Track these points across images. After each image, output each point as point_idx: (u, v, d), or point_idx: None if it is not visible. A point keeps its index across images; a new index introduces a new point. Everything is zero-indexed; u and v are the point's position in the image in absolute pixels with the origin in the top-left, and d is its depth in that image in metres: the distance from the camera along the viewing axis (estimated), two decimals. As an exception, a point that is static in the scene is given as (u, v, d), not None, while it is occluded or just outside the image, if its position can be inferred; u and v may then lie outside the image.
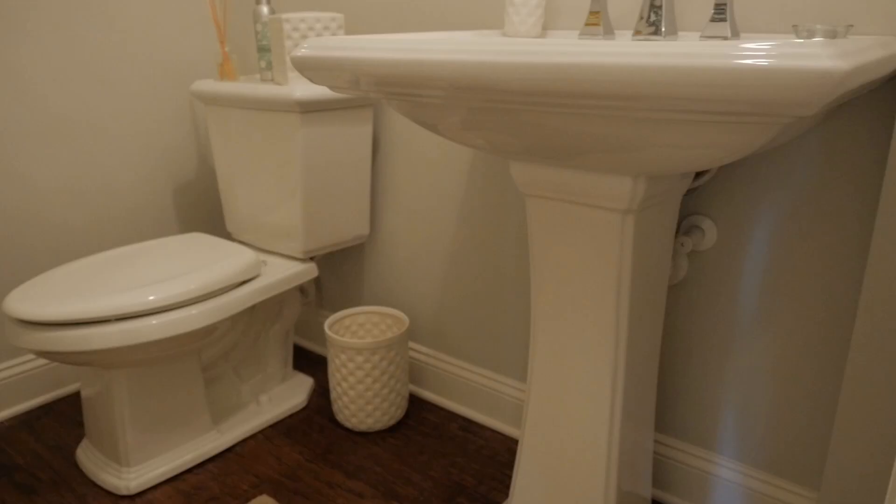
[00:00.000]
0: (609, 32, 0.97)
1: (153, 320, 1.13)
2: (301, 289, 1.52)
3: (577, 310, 0.88)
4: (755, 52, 0.51)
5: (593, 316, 0.87)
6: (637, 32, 0.92)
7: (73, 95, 1.47)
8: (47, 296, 1.12)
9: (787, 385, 1.03)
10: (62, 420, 1.47)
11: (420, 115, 0.80)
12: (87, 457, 1.29)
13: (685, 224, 1.06)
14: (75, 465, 1.31)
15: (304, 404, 1.51)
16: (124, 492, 1.22)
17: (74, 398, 1.55)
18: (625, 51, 0.56)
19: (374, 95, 0.79)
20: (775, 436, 1.05)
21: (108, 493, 1.23)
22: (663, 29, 0.90)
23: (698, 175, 0.95)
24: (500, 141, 0.77)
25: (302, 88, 1.26)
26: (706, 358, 1.10)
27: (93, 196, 1.55)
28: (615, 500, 0.93)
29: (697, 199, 1.04)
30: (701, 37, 0.87)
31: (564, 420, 0.94)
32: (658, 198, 0.82)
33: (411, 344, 1.55)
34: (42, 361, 1.52)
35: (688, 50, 0.54)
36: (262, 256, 1.47)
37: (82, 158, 1.51)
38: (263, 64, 1.42)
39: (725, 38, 0.85)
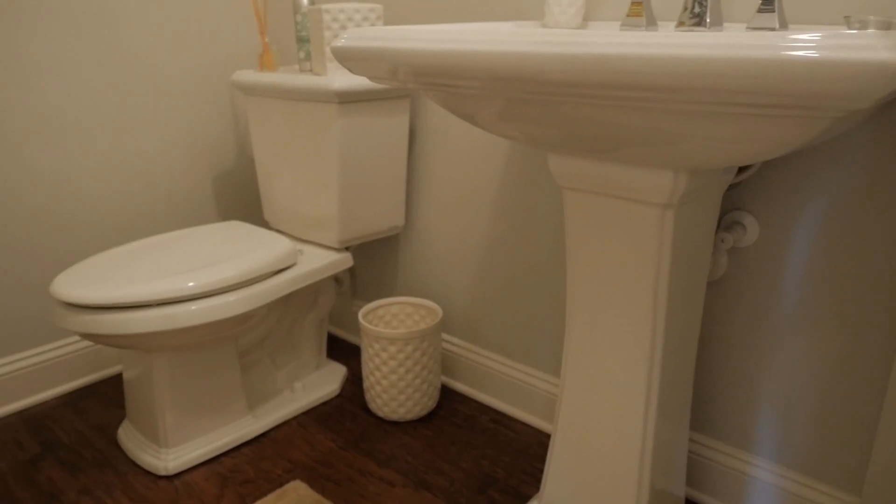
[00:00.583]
0: (652, 24, 0.95)
1: (192, 306, 1.15)
2: (336, 278, 1.53)
3: (614, 305, 0.87)
4: (805, 44, 0.49)
5: (630, 312, 0.85)
6: (681, 24, 0.90)
7: (118, 86, 1.51)
8: (92, 280, 1.16)
9: (829, 386, 1.00)
10: (104, 401, 1.51)
11: (458, 106, 0.80)
12: (128, 437, 1.33)
13: (726, 220, 1.03)
14: (116, 445, 1.35)
15: (337, 392, 1.52)
16: (163, 472, 1.25)
17: (116, 380, 1.60)
18: (669, 42, 0.54)
19: (411, 86, 0.79)
20: (815, 438, 1.03)
21: (148, 473, 1.26)
22: (708, 20, 0.88)
23: (741, 170, 0.93)
24: (537, 133, 0.77)
25: (340, 79, 1.26)
26: (744, 356, 1.07)
27: (135, 184, 1.58)
28: (648, 498, 0.92)
29: (739, 194, 1.02)
30: (747, 28, 0.85)
31: (598, 416, 0.93)
32: (699, 192, 0.81)
33: (444, 335, 1.55)
34: (86, 343, 1.57)
35: (734, 41, 0.52)
36: (299, 245, 1.48)
37: (126, 147, 1.55)
38: (302, 54, 1.43)
39: (773, 30, 0.83)
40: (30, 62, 1.37)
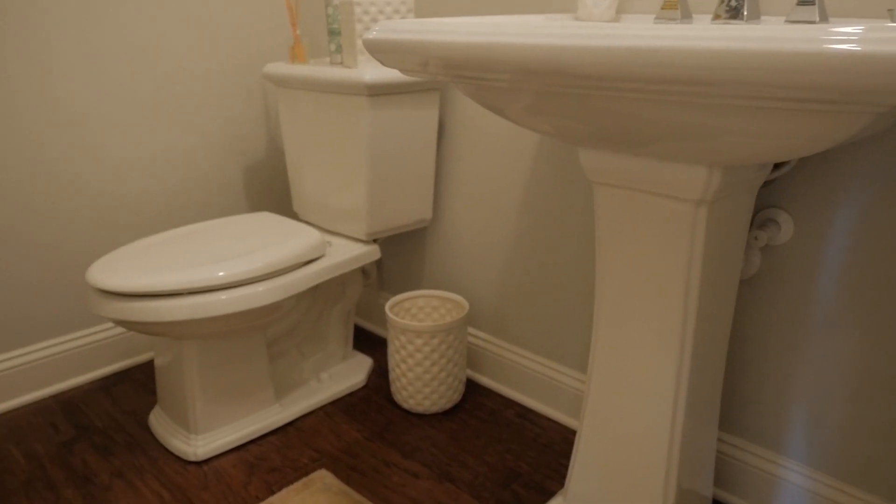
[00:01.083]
0: (687, 17, 0.93)
1: (222, 295, 1.17)
2: (363, 270, 1.54)
3: (644, 302, 0.86)
4: (847, 37, 0.48)
5: (660, 309, 0.84)
6: (717, 17, 0.88)
7: (152, 77, 1.53)
8: (126, 268, 1.18)
9: (865, 388, 0.98)
10: (136, 387, 1.54)
11: (488, 99, 0.80)
12: (159, 422, 1.36)
13: (760, 217, 1.02)
14: (147, 430, 1.38)
15: (362, 383, 1.54)
16: (192, 458, 1.27)
17: (148, 366, 1.63)
18: (707, 35, 0.53)
19: (441, 78, 0.79)
20: (849, 441, 1.01)
21: (178, 458, 1.28)
22: (745, 13, 0.86)
23: (777, 166, 0.91)
24: (568, 127, 0.76)
25: (371, 71, 1.27)
26: (777, 356, 1.06)
27: (168, 174, 1.61)
28: (674, 497, 0.91)
29: (774, 191, 1.00)
30: (786, 21, 0.83)
31: (625, 414, 0.93)
32: (733, 189, 0.79)
33: (470, 329, 1.55)
34: (119, 330, 1.61)
35: (774, 34, 0.51)
36: (327, 237, 1.49)
37: (160, 139, 1.58)
38: (333, 47, 1.44)
39: (813, 23, 0.81)
40: (64, 58, 1.40)
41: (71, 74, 1.41)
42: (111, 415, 1.43)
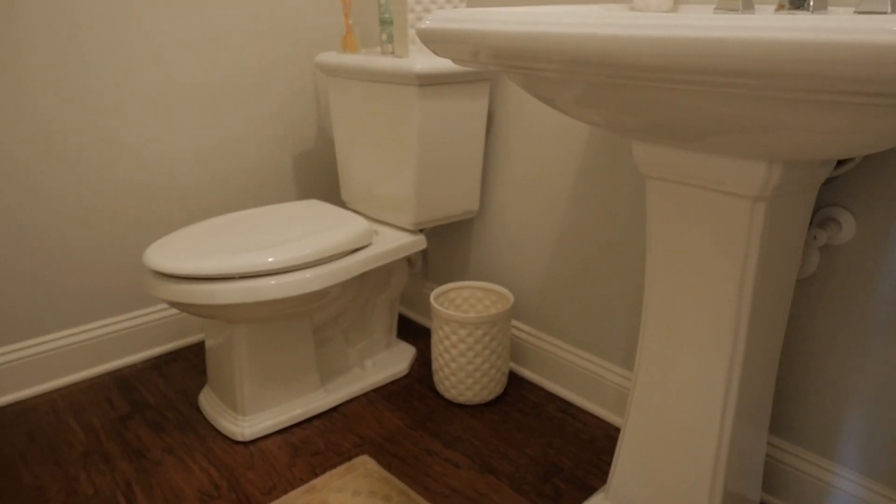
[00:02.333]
0: (749, 7, 0.90)
1: (272, 281, 1.19)
2: (409, 260, 1.55)
3: (695, 300, 0.84)
4: (925, 28, 0.46)
5: (712, 308, 0.83)
6: (780, 7, 0.85)
7: (206, 66, 1.57)
8: (181, 252, 1.21)
9: (926, 398, 0.94)
10: (187, 366, 1.59)
11: (539, 89, 0.79)
12: (208, 402, 1.40)
13: (820, 215, 0.98)
14: (197, 409, 1.42)
15: (405, 372, 1.55)
16: (239, 438, 1.30)
17: (199, 347, 1.68)
18: (772, 25, 0.52)
19: (492, 68, 0.78)
20: (907, 451, 0.97)
21: (225, 438, 1.32)
22: (812, 3, 0.82)
23: (840, 163, 0.88)
24: (621, 119, 0.74)
25: (422, 61, 1.27)
26: (832, 359, 1.02)
27: (221, 161, 1.65)
28: (721, 500, 0.89)
29: (836, 189, 0.96)
30: (856, 11, 0.79)
31: (672, 413, 0.91)
32: (793, 185, 0.77)
33: (514, 322, 1.55)
34: (172, 311, 1.66)
35: (843, 25, 0.49)
36: (374, 226, 1.51)
37: (213, 127, 1.61)
38: (384, 37, 1.44)
39: (885, 13, 0.77)
40: (130, 49, 1.44)
41: (137, 66, 1.45)
42: (163, 393, 1.48)
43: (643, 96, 0.66)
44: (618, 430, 1.35)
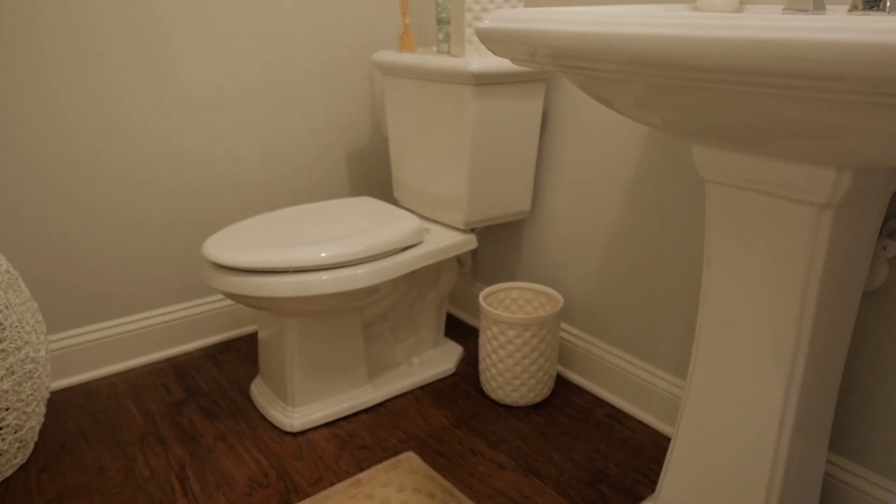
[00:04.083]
0: (819, 7, 0.87)
1: (324, 276, 1.21)
2: (458, 259, 1.55)
3: (754, 310, 0.82)
4: None
5: (772, 318, 0.80)
6: (853, 7, 0.81)
7: (267, 65, 1.60)
8: (237, 244, 1.24)
9: None
10: (240, 357, 1.63)
11: (597, 90, 0.78)
12: (259, 392, 1.43)
13: (890, 225, 0.94)
14: (248, 398, 1.45)
15: (452, 371, 1.55)
16: (289, 428, 1.33)
17: (252, 338, 1.72)
18: (847, 27, 0.49)
19: (549, 69, 0.77)
20: (979, 476, 0.92)
21: (275, 428, 1.35)
22: (887, 3, 0.79)
23: (915, 171, 0.84)
24: (681, 121, 0.73)
25: (478, 61, 1.26)
26: (899, 378, 0.97)
27: (279, 158, 1.68)
28: (775, 517, 0.86)
29: (909, 198, 0.92)
30: (937, 12, 0.76)
31: (726, 426, 0.88)
32: (864, 193, 0.73)
33: (563, 324, 1.53)
34: (227, 302, 1.70)
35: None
36: (426, 224, 1.51)
37: (272, 123, 1.65)
38: (441, 36, 1.45)
39: (969, 14, 0.73)
40: (187, 48, 1.48)
41: (195, 64, 1.50)
42: (217, 381, 1.52)
43: (707, 98, 0.65)
44: (666, 438, 1.32)
